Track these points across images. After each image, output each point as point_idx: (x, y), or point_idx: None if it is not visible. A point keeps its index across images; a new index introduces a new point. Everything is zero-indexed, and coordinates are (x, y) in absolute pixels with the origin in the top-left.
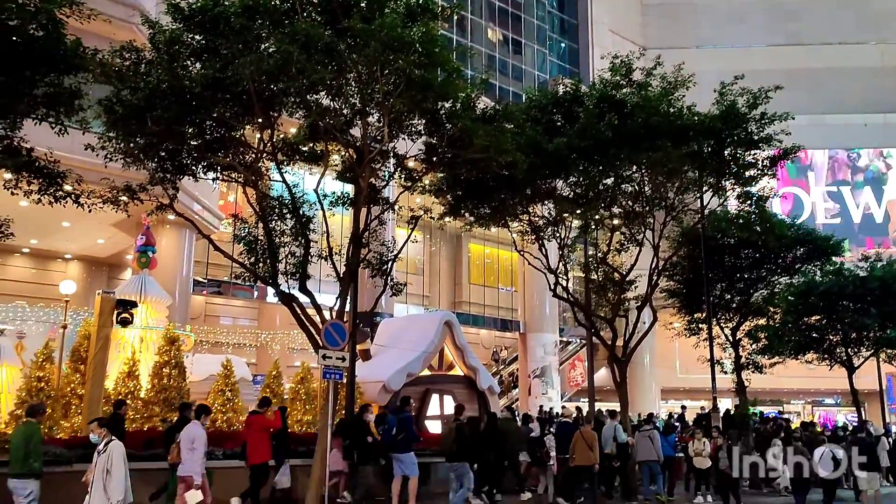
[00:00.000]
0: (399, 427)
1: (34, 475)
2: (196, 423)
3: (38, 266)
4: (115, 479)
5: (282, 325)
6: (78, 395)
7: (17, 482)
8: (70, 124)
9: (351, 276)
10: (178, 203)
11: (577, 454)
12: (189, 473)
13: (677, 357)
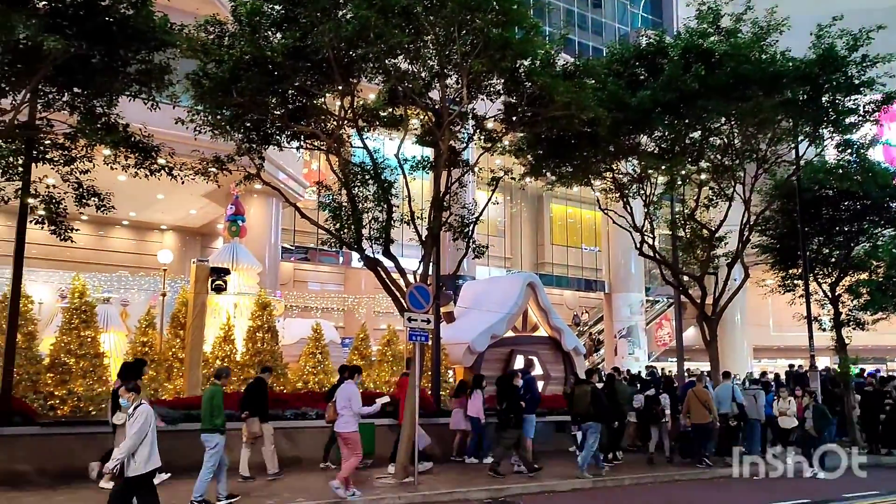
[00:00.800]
0: (525, 388)
1: (218, 430)
2: (351, 383)
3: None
4: (127, 440)
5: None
6: (179, 358)
7: (205, 436)
8: (161, 99)
9: (433, 239)
10: (264, 172)
11: (693, 413)
12: (345, 430)
13: (771, 315)
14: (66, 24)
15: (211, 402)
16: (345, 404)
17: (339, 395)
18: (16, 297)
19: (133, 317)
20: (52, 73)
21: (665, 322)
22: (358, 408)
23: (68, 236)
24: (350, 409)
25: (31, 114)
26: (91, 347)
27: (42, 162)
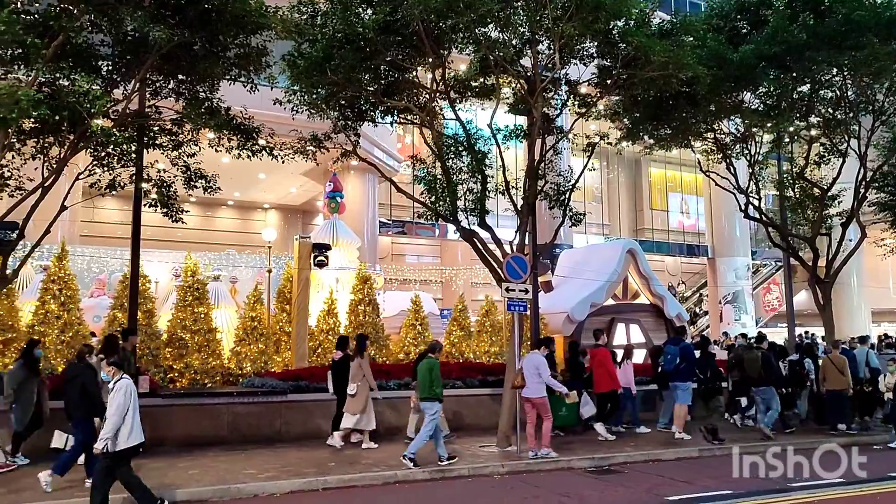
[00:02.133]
0: (681, 356)
1: (437, 399)
2: (536, 353)
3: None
4: (109, 418)
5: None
6: (286, 332)
7: (425, 404)
8: (259, 81)
9: (529, 208)
10: (360, 149)
11: (830, 379)
12: (535, 395)
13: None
14: (169, 14)
15: (430, 373)
16: (533, 372)
17: (526, 364)
18: (135, 277)
19: (242, 293)
20: (158, 63)
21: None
22: (547, 376)
23: (180, 218)
24: (539, 377)
25: (141, 102)
26: (204, 323)
27: (152, 148)
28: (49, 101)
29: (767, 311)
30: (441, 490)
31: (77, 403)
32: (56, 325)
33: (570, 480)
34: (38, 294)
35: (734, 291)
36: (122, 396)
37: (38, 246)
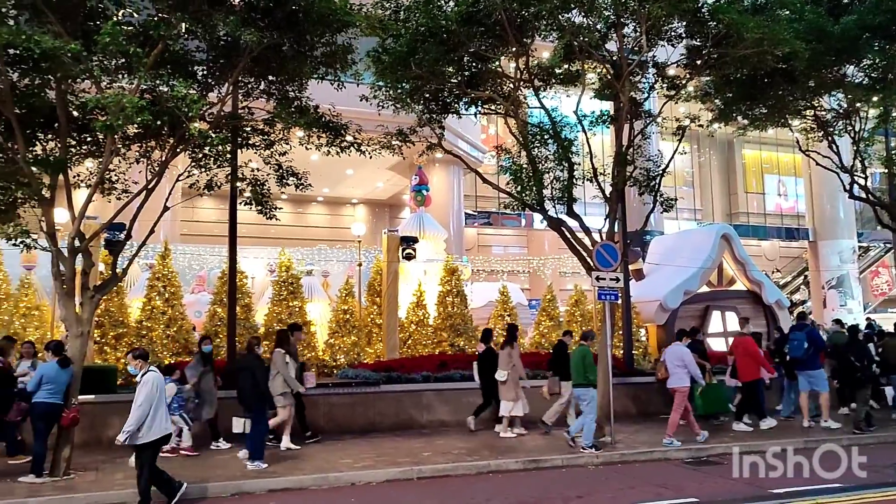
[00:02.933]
0: (809, 342)
1: (591, 385)
2: (679, 344)
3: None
4: (134, 410)
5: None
6: (377, 324)
7: (580, 390)
8: (346, 78)
9: (618, 195)
10: (445, 141)
11: None
12: (679, 385)
13: None
14: (259, 17)
15: (583, 361)
16: (678, 363)
17: (669, 355)
18: (233, 273)
19: (333, 287)
20: (249, 65)
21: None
22: (694, 369)
23: (273, 215)
24: (684, 368)
25: (234, 104)
26: (299, 316)
27: (246, 147)
28: (150, 107)
29: (877, 296)
30: (534, 480)
31: (249, 392)
32: (161, 321)
33: (667, 471)
34: (144, 291)
35: (839, 276)
36: (150, 388)
37: (144, 245)
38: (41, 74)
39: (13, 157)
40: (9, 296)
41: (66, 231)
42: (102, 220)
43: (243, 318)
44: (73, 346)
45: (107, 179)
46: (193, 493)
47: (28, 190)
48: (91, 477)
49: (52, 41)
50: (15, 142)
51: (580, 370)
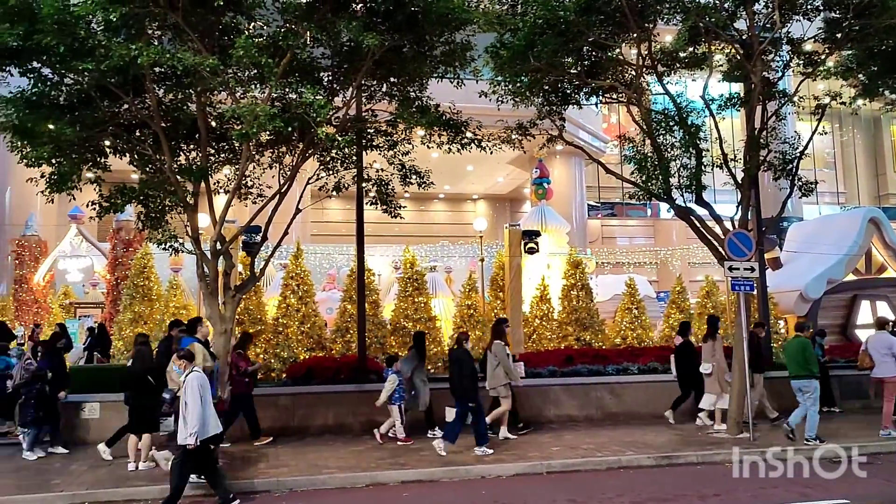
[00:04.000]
0: None
1: (814, 376)
2: (884, 332)
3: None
4: (190, 410)
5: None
6: None
7: (802, 382)
8: (465, 76)
9: (751, 181)
10: (565, 133)
11: None
12: (887, 375)
13: None
14: (380, 20)
15: (803, 353)
16: (885, 352)
17: (873, 343)
18: (361, 270)
19: (457, 282)
20: (371, 68)
21: None
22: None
23: (397, 213)
24: (892, 357)
25: (358, 107)
26: (424, 312)
27: (370, 149)
28: (281, 114)
29: None
30: (667, 476)
31: (458, 383)
32: (296, 318)
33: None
34: (279, 290)
35: None
36: (196, 389)
37: (279, 246)
38: (183, 89)
39: (161, 168)
40: (160, 296)
41: (209, 235)
42: (240, 223)
43: (371, 314)
44: (218, 343)
45: (243, 185)
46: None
47: (174, 198)
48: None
49: (192, 57)
50: (162, 154)
51: (801, 362)
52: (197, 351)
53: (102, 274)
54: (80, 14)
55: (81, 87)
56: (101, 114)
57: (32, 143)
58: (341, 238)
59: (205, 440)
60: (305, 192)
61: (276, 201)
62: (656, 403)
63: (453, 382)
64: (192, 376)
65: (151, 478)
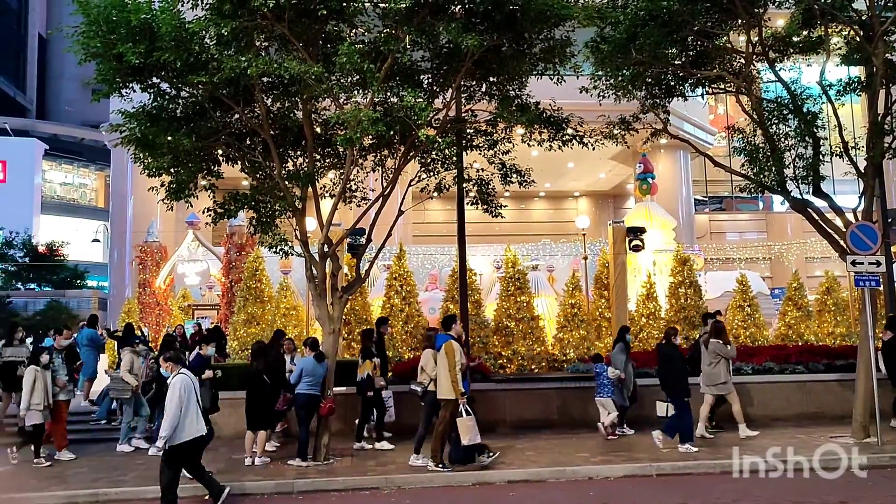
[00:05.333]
0: None
1: None
2: None
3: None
4: (166, 414)
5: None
6: (606, 318)
7: None
8: (565, 72)
9: (874, 170)
10: (670, 126)
11: None
12: None
13: None
14: (478, 21)
15: None
16: None
17: None
18: (463, 270)
19: (559, 281)
20: (470, 69)
21: None
22: None
23: (498, 213)
24: None
25: (458, 108)
26: (527, 311)
27: (471, 149)
28: (383, 118)
29: None
30: (786, 482)
31: (667, 380)
32: (400, 318)
33: None
34: (383, 290)
35: None
36: (180, 391)
37: (383, 248)
38: (290, 97)
39: (270, 174)
40: (271, 298)
41: (316, 238)
42: (345, 226)
43: (474, 313)
44: (327, 342)
45: (347, 189)
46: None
47: (283, 202)
48: (347, 462)
49: (298, 66)
50: (271, 160)
51: None
52: (455, 349)
53: (218, 277)
54: (194, 30)
55: (196, 100)
56: (215, 124)
57: (153, 154)
58: (443, 238)
59: (188, 442)
60: (407, 195)
61: (378, 204)
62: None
63: (664, 378)
64: (177, 379)
65: (267, 473)
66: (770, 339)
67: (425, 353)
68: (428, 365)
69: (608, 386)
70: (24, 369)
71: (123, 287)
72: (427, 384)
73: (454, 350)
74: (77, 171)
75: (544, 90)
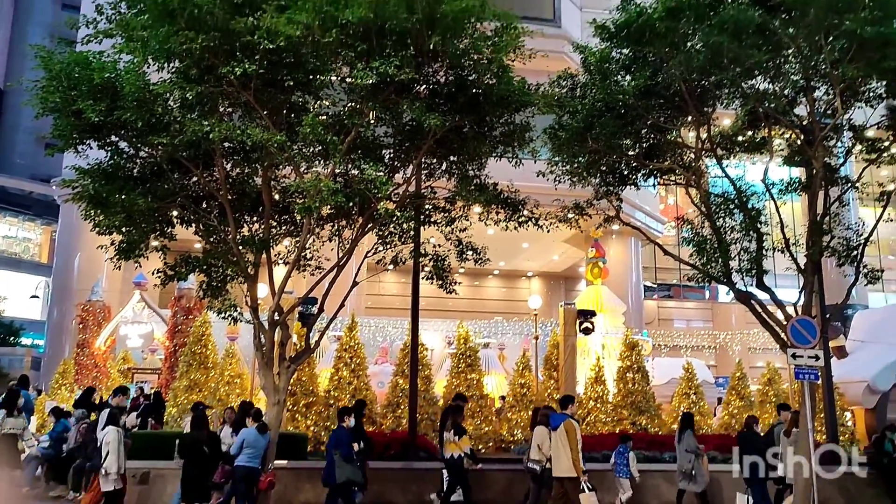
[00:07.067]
0: None
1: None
2: None
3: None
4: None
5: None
6: (554, 399)
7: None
8: (523, 155)
9: (814, 266)
10: (622, 213)
11: None
12: None
13: None
14: (442, 101)
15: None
16: None
17: None
18: (415, 345)
19: (510, 360)
20: (432, 147)
21: None
22: None
23: (453, 289)
24: None
25: (418, 184)
26: (477, 389)
27: (428, 224)
28: (343, 189)
29: None
30: None
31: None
32: (348, 390)
33: None
34: (332, 362)
35: None
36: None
37: (335, 318)
38: (251, 163)
39: (224, 239)
40: (215, 364)
41: (267, 305)
42: (297, 294)
43: (423, 389)
44: (271, 414)
45: (302, 257)
46: None
47: (236, 267)
48: None
49: (261, 133)
50: (227, 225)
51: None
52: (575, 428)
53: (161, 340)
54: (158, 92)
55: (155, 160)
56: (172, 185)
57: (106, 212)
58: (396, 311)
59: None
60: (363, 266)
61: (333, 274)
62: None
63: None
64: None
65: None
66: (714, 428)
67: (540, 431)
68: (544, 444)
69: (626, 466)
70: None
71: (61, 346)
72: (545, 462)
73: (574, 429)
74: (22, 225)
75: (503, 172)
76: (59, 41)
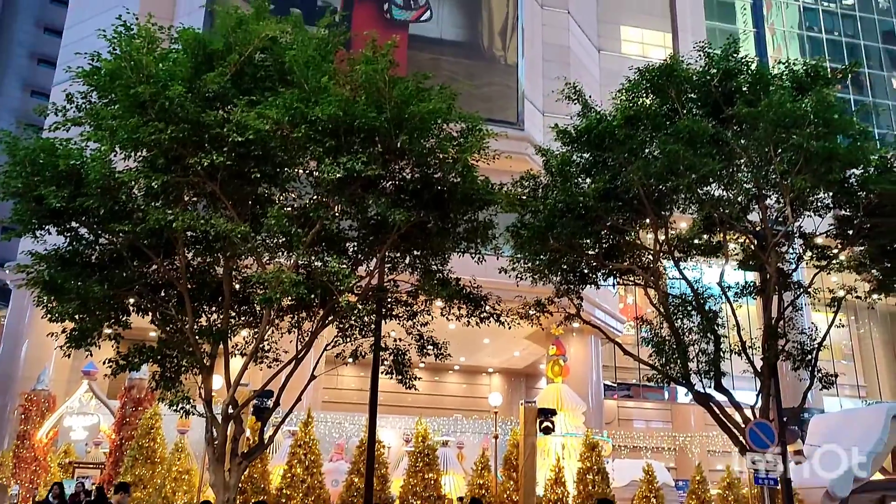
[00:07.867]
0: None
1: None
2: None
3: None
4: None
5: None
6: (513, 500)
7: None
8: (486, 252)
9: (770, 370)
10: (583, 312)
11: None
12: None
13: None
14: (407, 198)
15: None
16: None
17: None
18: (372, 443)
19: (468, 459)
20: (396, 241)
21: None
22: None
23: (413, 384)
24: None
25: (381, 277)
26: (433, 490)
27: (390, 318)
28: (305, 281)
29: None
30: None
31: None
32: (301, 489)
33: None
34: (285, 458)
35: None
36: None
37: (290, 413)
38: (212, 253)
39: (181, 328)
40: (164, 459)
41: (221, 397)
42: (253, 387)
43: (379, 489)
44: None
45: (260, 349)
46: None
47: (192, 358)
48: None
49: (225, 224)
50: (184, 314)
51: None
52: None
53: (108, 433)
54: (124, 180)
55: (114, 247)
56: (130, 273)
57: (60, 299)
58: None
59: None
60: (321, 359)
61: (291, 366)
62: None
63: None
64: None
65: None
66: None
67: None
68: None
69: None
70: None
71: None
72: None
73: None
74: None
75: (465, 267)
76: (26, 127)
